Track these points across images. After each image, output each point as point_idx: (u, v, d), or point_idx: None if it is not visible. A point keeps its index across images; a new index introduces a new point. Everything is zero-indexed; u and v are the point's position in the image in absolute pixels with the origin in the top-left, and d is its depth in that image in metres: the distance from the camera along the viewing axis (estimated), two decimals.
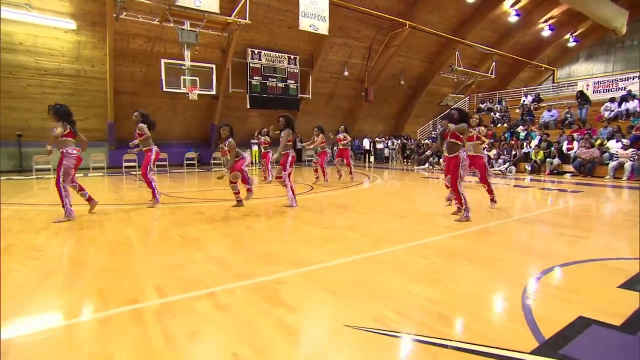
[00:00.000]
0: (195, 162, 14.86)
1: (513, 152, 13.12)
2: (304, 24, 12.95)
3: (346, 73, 17.89)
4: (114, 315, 2.25)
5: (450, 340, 1.94)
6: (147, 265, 3.22)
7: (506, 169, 12.09)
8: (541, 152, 12.33)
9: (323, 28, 13.37)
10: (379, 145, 18.54)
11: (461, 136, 4.92)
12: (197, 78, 12.10)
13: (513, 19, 19.07)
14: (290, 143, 5.79)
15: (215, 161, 14.86)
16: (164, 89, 12.05)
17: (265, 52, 15.26)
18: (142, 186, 7.98)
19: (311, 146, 9.71)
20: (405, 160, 17.78)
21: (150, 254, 3.57)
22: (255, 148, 17.36)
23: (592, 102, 14.26)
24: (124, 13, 11.47)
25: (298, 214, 5.49)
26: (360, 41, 17.31)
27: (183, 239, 4.07)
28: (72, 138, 4.95)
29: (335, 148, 11.82)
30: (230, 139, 5.52)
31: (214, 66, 12.99)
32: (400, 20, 16.08)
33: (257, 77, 15.18)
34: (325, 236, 4.18)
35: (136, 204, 6.37)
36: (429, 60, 20.05)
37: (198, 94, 12.85)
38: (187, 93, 11.91)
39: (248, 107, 15.40)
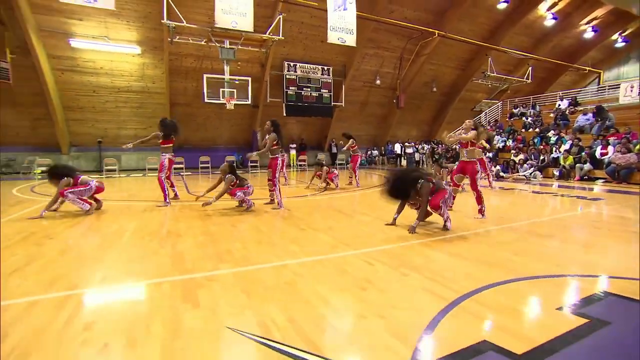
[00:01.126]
0: (234, 164, 15.32)
1: (541, 157, 11.74)
2: (332, 38, 12.76)
3: (378, 82, 17.35)
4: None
5: (308, 353, 1.68)
6: (119, 254, 3.30)
7: (530, 174, 10.83)
8: (570, 157, 10.87)
9: (351, 40, 13.07)
10: (409, 150, 17.69)
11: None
12: (235, 90, 12.48)
13: (550, 22, 17.13)
14: (277, 147, 5.67)
15: (252, 164, 15.21)
16: (206, 100, 12.62)
17: (301, 64, 15.32)
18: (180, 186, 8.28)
19: (344, 148, 9.45)
20: (433, 164, 16.76)
21: (130, 245, 3.67)
22: (293, 152, 17.56)
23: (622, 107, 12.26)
24: (177, 37, 12.18)
25: (289, 215, 5.35)
26: (391, 51, 16.68)
27: (169, 233, 4.14)
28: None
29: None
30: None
31: (249, 79, 13.30)
32: (430, 29, 15.22)
33: (293, 87, 15.30)
34: (295, 237, 4.00)
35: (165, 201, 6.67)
36: (461, 67, 18.74)
37: (237, 104, 13.32)
38: (225, 103, 12.31)
39: (284, 114, 15.56)
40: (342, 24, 12.73)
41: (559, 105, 15.56)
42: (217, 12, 10.91)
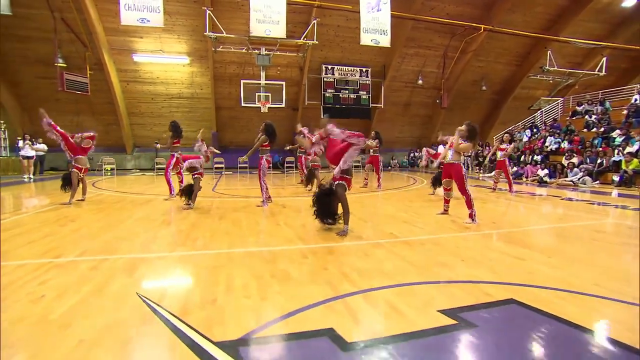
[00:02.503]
0: (271, 165, 16.09)
1: (598, 161, 10.39)
2: (366, 39, 12.80)
3: (420, 82, 16.81)
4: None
5: (180, 321, 1.97)
6: (113, 234, 3.94)
7: (579, 179, 9.65)
8: (636, 160, 9.45)
9: (385, 41, 12.96)
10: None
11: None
12: (270, 94, 13.20)
13: (630, 3, 14.92)
14: (268, 148, 6.00)
15: (288, 165, 15.83)
16: (242, 104, 13.55)
17: (338, 66, 15.57)
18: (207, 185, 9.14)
19: (370, 146, 9.18)
20: (477, 167, 15.69)
21: (125, 228, 4.32)
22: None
23: None
24: (221, 46, 13.34)
25: (279, 211, 5.68)
26: (433, 50, 16.07)
27: (163, 221, 4.75)
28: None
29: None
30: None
31: (284, 83, 13.94)
32: (475, 24, 14.34)
33: (330, 90, 15.60)
34: (261, 230, 4.31)
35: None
36: (515, 63, 17.24)
37: (277, 107, 14.10)
38: (260, 107, 13.10)
39: (322, 117, 15.91)
40: (375, 25, 12.70)
41: (636, 100, 13.48)
42: (252, 22, 11.71)
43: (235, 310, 2.15)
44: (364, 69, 15.84)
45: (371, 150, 9.16)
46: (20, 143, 12.08)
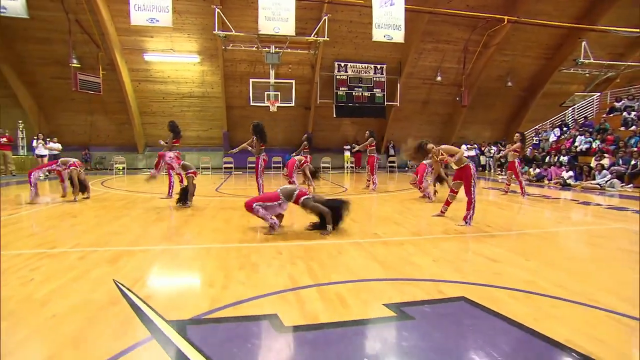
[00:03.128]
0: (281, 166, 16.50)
1: (632, 162, 10.10)
2: (378, 35, 12.97)
3: (439, 78, 16.76)
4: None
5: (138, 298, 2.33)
6: (101, 229, 4.39)
7: (607, 182, 9.42)
8: None
9: (398, 37, 13.08)
10: (471, 152, 16.54)
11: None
12: (279, 93, 13.62)
13: None
14: (262, 148, 6.34)
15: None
16: (252, 104, 14.04)
17: (352, 64, 15.80)
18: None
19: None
20: (499, 168, 15.46)
21: (119, 224, 4.77)
22: (347, 154, 18.07)
23: None
24: (231, 45, 13.90)
25: None
26: (452, 44, 16.01)
27: (155, 219, 5.19)
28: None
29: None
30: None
31: (293, 81, 14.32)
32: (498, 16, 14.19)
33: (343, 88, 15.85)
34: (249, 228, 4.65)
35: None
36: (544, 56, 16.86)
37: (289, 106, 14.54)
38: (269, 106, 13.54)
39: (334, 116, 16.22)
40: (388, 20, 12.85)
41: None
42: (261, 20, 12.17)
43: (195, 296, 2.48)
44: (378, 66, 15.99)
45: (367, 150, 9.07)
46: (35, 142, 13.08)
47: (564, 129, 14.98)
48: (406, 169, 18.44)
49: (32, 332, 1.97)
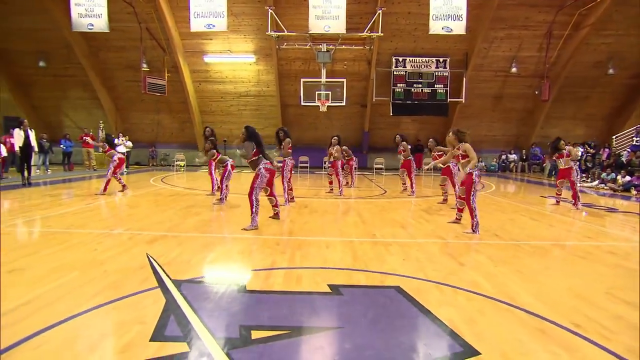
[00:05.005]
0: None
1: None
2: (436, 28, 13.45)
3: (514, 69, 16.41)
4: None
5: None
6: (147, 219, 6.03)
7: None
8: None
9: (459, 28, 13.39)
10: None
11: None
12: (330, 92, 14.82)
13: None
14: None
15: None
16: (302, 104, 15.44)
17: (411, 58, 16.33)
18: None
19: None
20: (583, 173, 14.59)
21: (164, 216, 6.41)
22: None
23: None
24: (285, 44, 15.52)
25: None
26: (531, 29, 15.60)
27: (193, 210, 6.76)
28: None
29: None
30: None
31: (344, 80, 15.38)
32: None
33: (401, 85, 16.47)
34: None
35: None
36: None
37: (340, 105, 15.71)
38: (319, 106, 14.82)
39: (391, 114, 16.92)
40: (447, 10, 13.25)
41: None
42: (311, 19, 13.51)
43: (194, 266, 3.79)
44: (441, 59, 16.28)
45: (401, 155, 9.58)
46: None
47: None
48: None
49: (90, 279, 3.44)
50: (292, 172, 8.05)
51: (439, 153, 8.51)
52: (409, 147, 9.73)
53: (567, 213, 7.43)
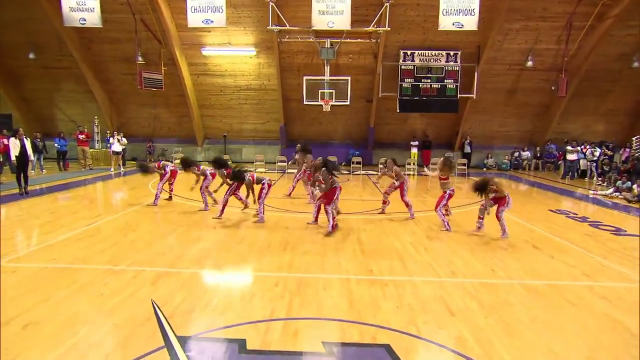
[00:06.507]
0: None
1: None
2: (446, 23, 13.57)
3: (530, 63, 16.52)
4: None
5: None
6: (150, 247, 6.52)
7: None
8: None
9: (470, 24, 13.49)
10: (571, 157, 15.87)
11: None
12: (333, 91, 15.06)
13: None
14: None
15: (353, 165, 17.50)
16: (305, 102, 15.72)
17: (420, 51, 16.47)
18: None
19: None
20: (599, 177, 14.85)
21: (166, 244, 6.89)
22: (414, 150, 18.95)
23: None
24: (287, 37, 15.70)
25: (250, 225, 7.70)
26: (549, 20, 15.65)
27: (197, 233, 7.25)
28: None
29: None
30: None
31: (349, 78, 15.61)
32: None
33: (409, 80, 16.66)
34: (258, 248, 6.39)
35: None
36: None
37: (344, 104, 15.99)
38: (322, 105, 15.10)
39: (397, 111, 17.16)
40: (458, 4, 13.34)
41: None
42: (314, 14, 13.67)
43: (193, 319, 4.27)
44: (451, 53, 16.40)
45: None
46: (111, 139, 16.57)
47: None
48: (483, 168, 18.63)
49: (102, 337, 3.93)
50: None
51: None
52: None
53: (572, 238, 7.81)
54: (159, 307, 4.48)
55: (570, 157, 15.78)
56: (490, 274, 5.75)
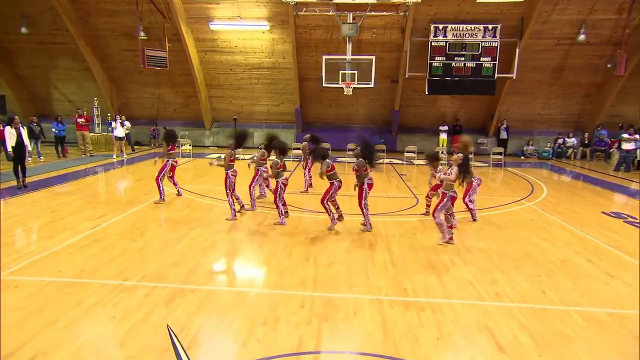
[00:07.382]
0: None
1: None
2: None
3: (582, 36, 15.81)
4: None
5: None
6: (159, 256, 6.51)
7: None
8: None
9: None
10: (627, 145, 15.19)
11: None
12: (356, 72, 14.67)
13: None
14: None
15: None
16: (324, 85, 15.41)
17: (453, 25, 15.91)
18: None
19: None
20: None
21: (176, 254, 6.88)
22: (443, 136, 18.56)
23: None
24: (304, 9, 15.30)
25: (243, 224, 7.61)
26: None
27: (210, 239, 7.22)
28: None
29: None
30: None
31: (373, 57, 15.18)
32: None
33: (440, 58, 16.18)
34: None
35: None
36: None
37: (368, 87, 15.63)
38: (343, 87, 14.78)
39: (426, 93, 16.74)
40: None
41: None
42: None
43: (213, 351, 4.23)
44: (490, 26, 15.81)
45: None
46: (113, 124, 16.59)
47: None
48: (522, 157, 18.21)
49: None
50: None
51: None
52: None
53: (633, 250, 7.54)
54: (176, 336, 4.44)
55: (627, 146, 15.12)
56: (540, 298, 5.57)
